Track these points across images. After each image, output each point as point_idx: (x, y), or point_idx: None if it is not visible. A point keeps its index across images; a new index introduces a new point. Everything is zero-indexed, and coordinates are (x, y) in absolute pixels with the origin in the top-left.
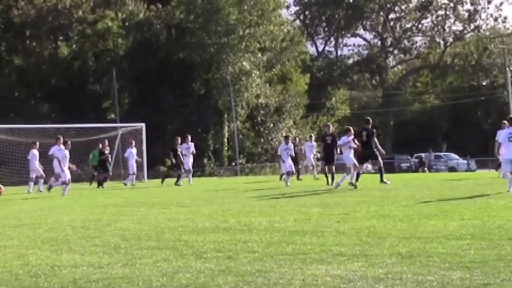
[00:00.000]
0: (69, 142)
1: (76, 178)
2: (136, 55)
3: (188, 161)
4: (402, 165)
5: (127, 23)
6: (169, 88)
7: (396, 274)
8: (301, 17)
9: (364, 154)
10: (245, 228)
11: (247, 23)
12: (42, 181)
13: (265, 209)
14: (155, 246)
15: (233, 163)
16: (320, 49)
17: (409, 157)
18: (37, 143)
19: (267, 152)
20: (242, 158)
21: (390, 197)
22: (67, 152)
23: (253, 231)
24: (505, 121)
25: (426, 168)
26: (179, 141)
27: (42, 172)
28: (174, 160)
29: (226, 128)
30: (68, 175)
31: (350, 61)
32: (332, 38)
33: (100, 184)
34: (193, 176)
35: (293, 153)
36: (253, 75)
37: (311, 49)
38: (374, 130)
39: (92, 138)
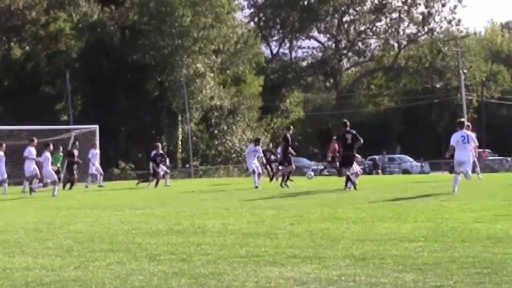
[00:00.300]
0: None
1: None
2: (90, 56)
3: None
4: None
5: (80, 25)
6: (122, 90)
7: (350, 276)
8: (256, 20)
9: (349, 157)
10: (199, 230)
11: (201, 26)
12: (101, 177)
13: (219, 212)
14: (108, 249)
15: (187, 165)
16: (274, 51)
17: (363, 159)
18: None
19: (221, 154)
20: (196, 160)
21: (343, 199)
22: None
23: (207, 234)
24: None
25: (380, 171)
26: (160, 148)
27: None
28: (155, 167)
29: (180, 130)
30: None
31: (305, 63)
32: (286, 41)
33: (66, 185)
34: (146, 178)
35: (261, 155)
36: (207, 77)
37: (266, 51)
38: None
39: (46, 140)
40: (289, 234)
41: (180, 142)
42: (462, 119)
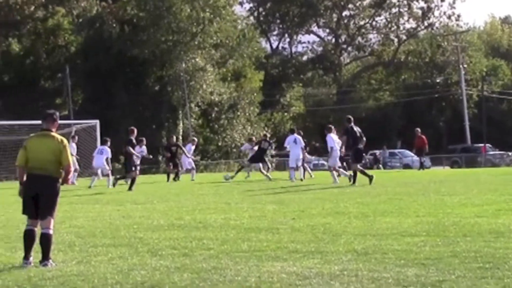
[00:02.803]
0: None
1: None
2: (89, 51)
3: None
4: None
5: (80, 20)
6: (122, 85)
7: (352, 271)
8: (255, 14)
9: (359, 151)
10: (200, 225)
11: (199, 20)
12: (76, 174)
13: (220, 206)
14: (110, 244)
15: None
16: (274, 46)
17: (364, 154)
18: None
19: (222, 149)
20: (196, 156)
21: (345, 194)
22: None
23: (209, 228)
24: None
25: (380, 165)
26: (174, 139)
27: (77, 166)
28: (169, 158)
29: (181, 125)
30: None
31: (305, 58)
32: (286, 35)
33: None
34: (147, 173)
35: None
36: (207, 71)
37: (266, 46)
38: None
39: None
40: (291, 229)
41: (180, 137)
42: None
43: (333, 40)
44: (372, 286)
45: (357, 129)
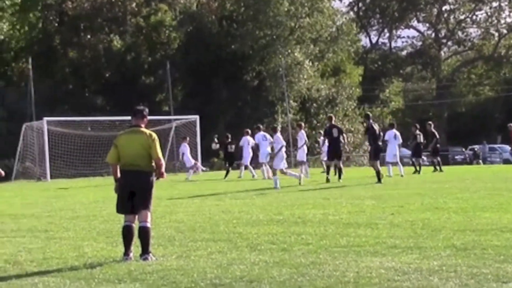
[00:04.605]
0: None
1: None
2: (189, 47)
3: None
4: (456, 157)
5: (181, 16)
6: (222, 80)
7: (451, 266)
8: (355, 9)
9: (379, 148)
10: (299, 220)
11: (298, 15)
12: (192, 171)
13: (319, 202)
14: (209, 238)
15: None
16: (373, 41)
17: (463, 150)
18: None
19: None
20: (295, 151)
21: (444, 190)
22: None
23: (307, 224)
24: None
25: (480, 161)
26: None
27: (192, 163)
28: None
29: (279, 120)
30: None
31: (404, 53)
32: (386, 30)
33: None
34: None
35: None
36: (305, 66)
37: (365, 41)
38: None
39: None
40: (390, 224)
41: (279, 132)
42: None
43: (433, 34)
44: (471, 282)
45: (376, 126)
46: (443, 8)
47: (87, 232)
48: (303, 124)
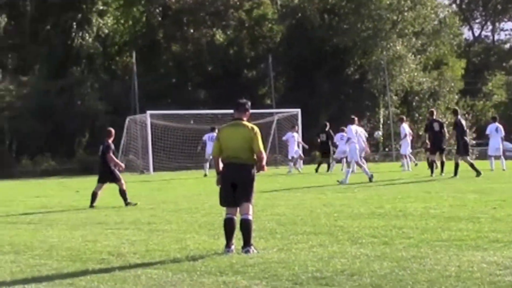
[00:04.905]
0: None
1: None
2: (291, 41)
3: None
4: None
5: (283, 10)
6: (324, 74)
7: None
8: (457, 2)
9: (467, 143)
10: (400, 214)
11: (400, 8)
12: (301, 161)
13: (420, 195)
14: (310, 231)
15: (386, 149)
16: (476, 34)
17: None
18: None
19: (421, 137)
20: (397, 144)
21: None
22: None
23: (409, 217)
24: None
25: None
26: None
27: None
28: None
29: (381, 113)
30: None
31: (507, 45)
32: (489, 23)
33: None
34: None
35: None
36: (407, 59)
37: (468, 34)
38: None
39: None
40: (492, 218)
41: (381, 126)
42: None
43: None
44: None
45: (463, 121)
46: None
47: (189, 225)
48: (404, 118)
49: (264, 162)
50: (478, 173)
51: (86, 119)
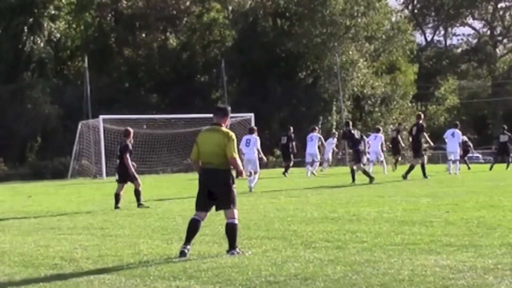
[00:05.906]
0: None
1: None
2: (243, 45)
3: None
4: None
5: (234, 14)
6: (276, 78)
7: (506, 264)
8: (410, 7)
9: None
10: (354, 218)
11: (353, 13)
12: (317, 163)
13: (374, 199)
14: (264, 236)
15: (340, 154)
16: (429, 38)
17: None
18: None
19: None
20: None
21: (499, 188)
22: None
23: (362, 221)
24: None
25: None
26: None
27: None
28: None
29: (334, 118)
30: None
31: (459, 50)
32: (441, 28)
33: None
34: (295, 166)
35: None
36: (359, 64)
37: (420, 39)
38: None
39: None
40: (445, 222)
41: (334, 130)
42: None
43: (488, 32)
44: None
45: (355, 131)
46: (499, 6)
47: (142, 230)
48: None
49: (240, 168)
50: (371, 179)
51: (37, 123)
